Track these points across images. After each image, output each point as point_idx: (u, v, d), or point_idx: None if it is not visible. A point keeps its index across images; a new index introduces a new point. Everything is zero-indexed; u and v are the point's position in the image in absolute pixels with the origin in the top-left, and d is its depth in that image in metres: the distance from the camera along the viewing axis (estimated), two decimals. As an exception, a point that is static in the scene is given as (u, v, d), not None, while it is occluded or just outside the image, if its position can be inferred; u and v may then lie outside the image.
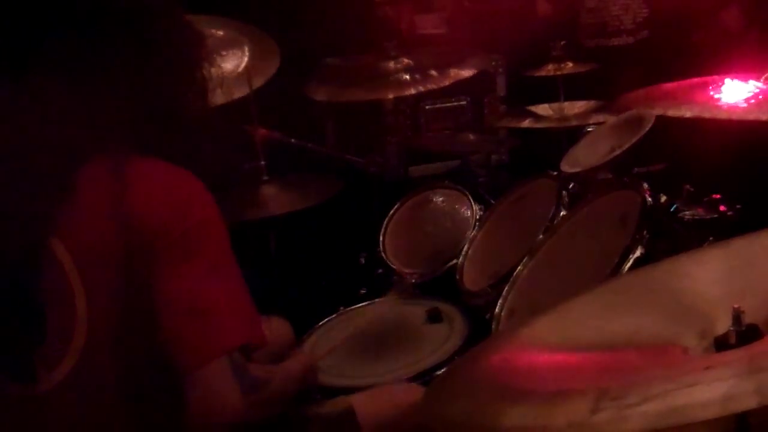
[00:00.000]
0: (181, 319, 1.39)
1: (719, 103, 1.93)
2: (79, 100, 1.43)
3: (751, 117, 1.78)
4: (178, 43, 1.54)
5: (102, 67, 1.45)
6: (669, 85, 2.17)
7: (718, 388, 0.86)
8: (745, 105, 1.87)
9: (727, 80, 2.02)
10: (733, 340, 1.10)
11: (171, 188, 1.43)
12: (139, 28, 1.48)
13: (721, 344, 1.12)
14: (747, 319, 1.11)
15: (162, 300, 1.39)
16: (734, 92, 1.95)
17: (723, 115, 1.85)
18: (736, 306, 1.11)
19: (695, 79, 2.11)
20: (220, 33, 2.76)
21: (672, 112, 1.94)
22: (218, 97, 2.51)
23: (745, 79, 2.00)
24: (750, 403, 0.83)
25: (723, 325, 1.14)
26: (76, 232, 1.38)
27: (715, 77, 2.08)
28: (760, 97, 1.88)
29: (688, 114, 1.90)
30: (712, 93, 1.99)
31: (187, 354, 1.39)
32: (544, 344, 1.21)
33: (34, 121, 1.41)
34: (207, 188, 1.46)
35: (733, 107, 1.88)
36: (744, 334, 1.10)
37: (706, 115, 1.87)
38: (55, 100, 1.42)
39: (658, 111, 2.05)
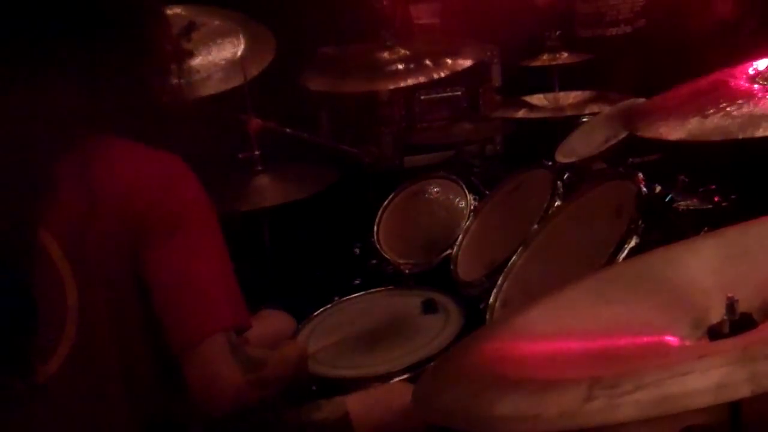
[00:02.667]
0: (175, 298, 1.40)
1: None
2: (61, 92, 1.43)
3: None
4: (160, 37, 1.55)
5: (85, 60, 1.45)
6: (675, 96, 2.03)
7: (711, 376, 0.86)
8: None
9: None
10: (726, 329, 1.11)
11: (153, 170, 1.43)
12: (123, 23, 1.49)
13: (715, 333, 1.12)
14: (741, 308, 1.11)
15: (153, 281, 1.39)
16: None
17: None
18: (729, 295, 1.11)
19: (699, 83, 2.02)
20: (216, 22, 2.75)
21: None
22: (211, 87, 2.53)
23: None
24: (743, 391, 0.83)
25: (717, 314, 1.14)
26: (62, 221, 1.38)
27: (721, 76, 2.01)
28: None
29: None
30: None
31: (183, 333, 1.39)
32: (537, 333, 1.21)
33: (16, 114, 1.41)
34: (192, 171, 1.46)
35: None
36: (737, 323, 1.10)
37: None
38: (36, 92, 1.42)
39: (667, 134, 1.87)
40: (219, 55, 2.64)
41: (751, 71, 1.87)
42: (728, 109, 1.69)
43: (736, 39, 3.30)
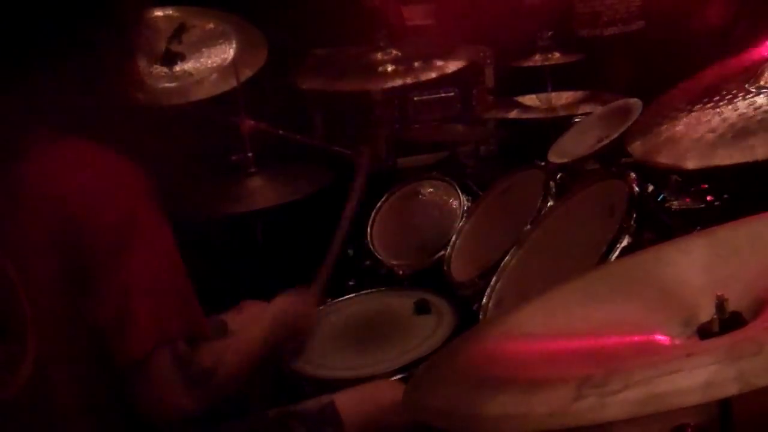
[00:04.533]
0: (117, 311, 1.35)
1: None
2: (21, 93, 1.40)
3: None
4: (133, 37, 1.53)
5: (51, 61, 1.42)
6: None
7: (699, 375, 0.86)
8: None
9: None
10: (716, 327, 1.11)
11: (96, 173, 1.40)
12: (91, 24, 1.46)
13: (705, 332, 1.12)
14: (730, 307, 1.11)
15: (95, 294, 1.35)
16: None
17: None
18: (719, 294, 1.11)
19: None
20: (209, 25, 2.75)
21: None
22: (205, 90, 2.53)
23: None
24: (731, 389, 0.83)
25: (707, 313, 1.14)
26: (10, 228, 1.36)
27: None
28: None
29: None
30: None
31: (126, 348, 1.36)
32: (527, 332, 1.21)
33: None
34: (143, 175, 1.42)
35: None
36: (727, 321, 1.10)
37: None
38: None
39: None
40: (212, 58, 2.65)
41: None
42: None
43: (731, 40, 3.31)
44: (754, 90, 1.62)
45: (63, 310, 1.37)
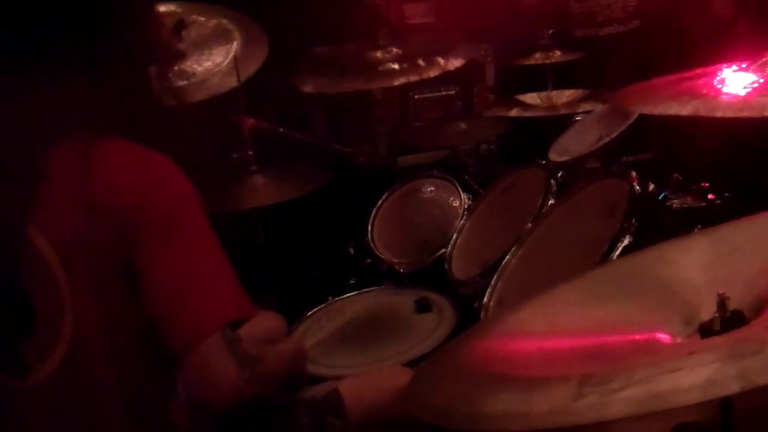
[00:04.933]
0: (170, 300, 1.38)
1: (718, 97, 1.85)
2: (55, 91, 1.42)
3: (750, 112, 1.70)
4: (155, 37, 1.55)
5: (81, 60, 1.44)
6: (663, 80, 2.10)
7: (700, 373, 0.86)
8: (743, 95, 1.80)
9: (725, 70, 1.95)
10: (717, 326, 1.11)
11: (144, 169, 1.42)
12: (119, 23, 1.48)
13: (706, 330, 1.12)
14: (732, 306, 1.11)
15: (147, 283, 1.38)
16: (732, 83, 1.88)
17: (721, 113, 1.77)
18: (720, 292, 1.11)
19: (690, 71, 2.05)
20: (213, 22, 2.75)
21: (667, 111, 1.85)
22: (207, 91, 2.53)
23: (741, 68, 1.95)
24: (732, 388, 0.83)
25: (708, 311, 1.14)
26: (53, 219, 1.37)
27: (711, 68, 2.03)
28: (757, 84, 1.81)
29: (683, 112, 1.81)
30: (708, 87, 1.90)
31: (180, 334, 1.38)
32: (528, 331, 1.22)
33: (9, 112, 1.41)
34: (182, 170, 1.45)
35: (731, 101, 1.81)
36: (728, 320, 1.10)
37: (702, 113, 1.79)
38: (31, 92, 1.42)
39: (654, 110, 1.93)
40: (213, 56, 2.64)
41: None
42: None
43: (730, 38, 3.31)
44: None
45: (106, 301, 1.39)
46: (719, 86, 1.84)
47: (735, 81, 1.85)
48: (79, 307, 1.38)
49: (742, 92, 1.76)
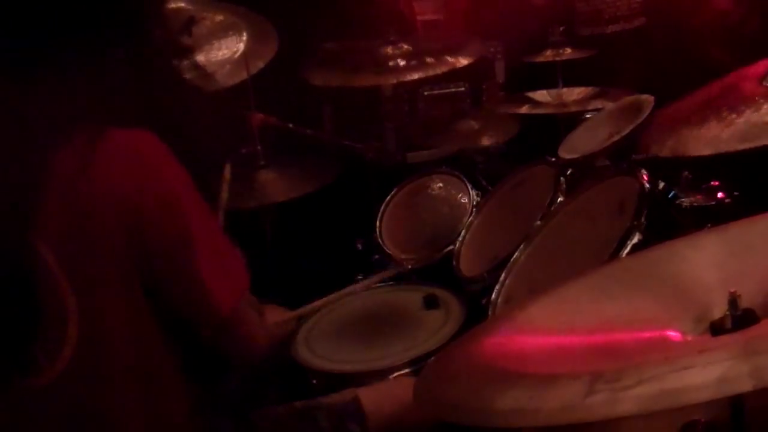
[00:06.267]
0: (206, 270, 1.42)
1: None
2: (57, 87, 1.41)
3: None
4: (160, 31, 1.55)
5: (83, 55, 1.43)
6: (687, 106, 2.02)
7: (712, 371, 0.85)
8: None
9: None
10: (729, 324, 1.10)
11: (137, 158, 1.40)
12: (123, 17, 1.47)
13: (717, 329, 1.12)
14: (743, 304, 1.11)
15: (165, 270, 1.41)
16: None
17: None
18: (732, 290, 1.10)
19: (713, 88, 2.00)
20: (220, 17, 2.75)
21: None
22: (216, 83, 2.52)
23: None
24: (745, 386, 0.83)
25: (719, 309, 1.14)
26: (53, 223, 1.36)
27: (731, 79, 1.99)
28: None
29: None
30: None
31: (213, 310, 1.44)
32: (538, 328, 1.21)
33: (11, 109, 1.40)
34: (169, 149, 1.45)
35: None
36: (740, 318, 1.10)
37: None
38: (32, 88, 1.41)
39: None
40: (222, 51, 2.64)
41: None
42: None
43: (739, 35, 3.29)
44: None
45: (119, 299, 1.39)
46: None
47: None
48: (85, 309, 1.37)
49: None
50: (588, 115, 2.77)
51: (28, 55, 1.41)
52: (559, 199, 2.23)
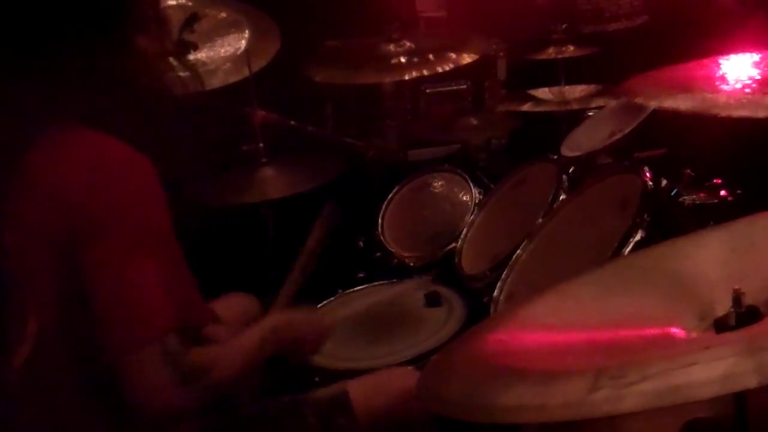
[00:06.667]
0: (109, 303, 1.34)
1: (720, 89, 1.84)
2: (28, 85, 1.40)
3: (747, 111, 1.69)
4: (137, 30, 1.51)
5: (57, 54, 1.42)
6: (668, 71, 2.08)
7: (717, 367, 0.85)
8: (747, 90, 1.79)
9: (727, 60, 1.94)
10: (732, 321, 1.10)
11: (100, 170, 1.38)
12: (96, 17, 1.45)
13: (721, 326, 1.11)
14: (747, 301, 1.10)
15: (89, 282, 1.34)
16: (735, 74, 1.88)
17: (720, 110, 1.75)
18: (736, 287, 1.10)
19: (696, 62, 2.04)
20: (222, 14, 2.75)
21: (669, 104, 1.84)
22: (218, 80, 2.52)
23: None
24: (750, 382, 0.82)
25: (723, 306, 1.13)
26: (14, 213, 1.37)
27: (715, 58, 2.02)
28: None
29: (683, 107, 1.80)
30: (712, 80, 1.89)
31: (116, 339, 1.34)
32: (542, 325, 1.21)
33: None
34: (150, 167, 1.41)
35: (733, 94, 1.80)
36: (744, 315, 1.10)
37: (702, 107, 1.78)
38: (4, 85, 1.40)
39: (657, 102, 1.91)
40: (224, 48, 2.64)
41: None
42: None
43: (741, 31, 3.29)
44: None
45: (63, 298, 1.38)
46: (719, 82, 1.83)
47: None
48: (41, 304, 1.37)
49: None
50: (590, 113, 2.77)
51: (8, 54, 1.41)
52: (561, 197, 2.23)
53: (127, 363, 1.34)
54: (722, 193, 2.30)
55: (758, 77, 1.82)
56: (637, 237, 1.86)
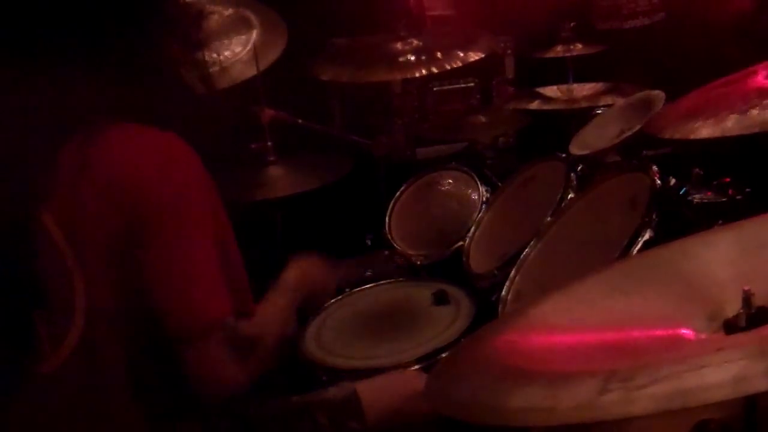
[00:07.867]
0: (170, 290, 1.38)
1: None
2: (66, 78, 1.41)
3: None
4: (167, 27, 1.54)
5: (91, 47, 1.44)
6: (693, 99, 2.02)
7: (728, 369, 0.85)
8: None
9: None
10: (743, 322, 1.09)
11: (150, 153, 1.41)
12: (127, 13, 1.47)
13: (731, 327, 1.11)
14: (757, 302, 1.10)
15: (150, 271, 1.38)
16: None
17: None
18: (746, 288, 1.10)
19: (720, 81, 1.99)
20: (230, 11, 2.75)
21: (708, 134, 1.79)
22: (228, 80, 2.52)
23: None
24: (761, 385, 0.82)
25: (733, 307, 1.13)
26: (64, 206, 1.38)
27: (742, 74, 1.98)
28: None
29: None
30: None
31: (180, 327, 1.39)
32: (551, 325, 1.20)
33: (20, 101, 1.40)
34: (192, 151, 1.44)
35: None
36: (754, 316, 1.09)
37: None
38: (41, 79, 1.40)
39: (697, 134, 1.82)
40: (232, 47, 2.64)
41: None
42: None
43: (756, 32, 3.27)
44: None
45: (115, 288, 1.39)
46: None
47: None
48: (90, 293, 1.38)
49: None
50: (599, 111, 2.77)
51: (33, 46, 1.42)
52: (569, 196, 2.22)
53: (195, 348, 1.39)
54: (731, 191, 2.29)
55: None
56: (646, 236, 1.85)
